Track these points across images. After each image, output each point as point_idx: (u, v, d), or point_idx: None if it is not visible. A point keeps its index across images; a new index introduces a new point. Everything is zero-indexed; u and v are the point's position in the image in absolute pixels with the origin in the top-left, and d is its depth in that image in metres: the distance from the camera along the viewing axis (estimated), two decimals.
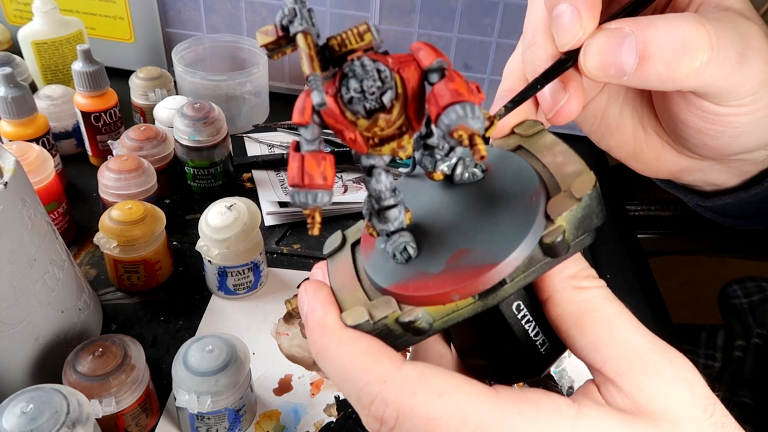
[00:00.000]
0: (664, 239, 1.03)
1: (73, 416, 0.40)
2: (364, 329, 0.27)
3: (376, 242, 0.30)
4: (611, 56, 0.29)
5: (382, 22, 0.86)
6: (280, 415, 0.53)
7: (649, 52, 0.29)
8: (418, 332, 0.27)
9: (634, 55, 0.29)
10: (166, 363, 0.55)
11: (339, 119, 0.25)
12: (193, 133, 0.70)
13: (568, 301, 0.27)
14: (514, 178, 0.29)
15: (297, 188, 0.25)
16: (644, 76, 0.29)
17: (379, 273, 0.29)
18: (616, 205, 0.80)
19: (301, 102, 0.25)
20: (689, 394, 0.25)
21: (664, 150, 0.39)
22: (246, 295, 0.63)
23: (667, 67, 0.29)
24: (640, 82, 0.30)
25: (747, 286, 0.86)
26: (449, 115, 0.23)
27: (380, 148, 0.26)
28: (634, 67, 0.29)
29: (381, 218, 0.28)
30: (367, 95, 0.24)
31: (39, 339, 0.50)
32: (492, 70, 0.88)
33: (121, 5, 0.89)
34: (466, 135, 0.23)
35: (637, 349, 0.26)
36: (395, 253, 0.29)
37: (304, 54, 0.24)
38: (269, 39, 0.25)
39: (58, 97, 0.76)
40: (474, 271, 0.26)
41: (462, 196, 0.30)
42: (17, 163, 0.47)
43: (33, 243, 0.48)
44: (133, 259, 0.60)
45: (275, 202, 0.73)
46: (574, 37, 0.30)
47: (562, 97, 0.32)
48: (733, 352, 0.78)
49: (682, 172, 0.41)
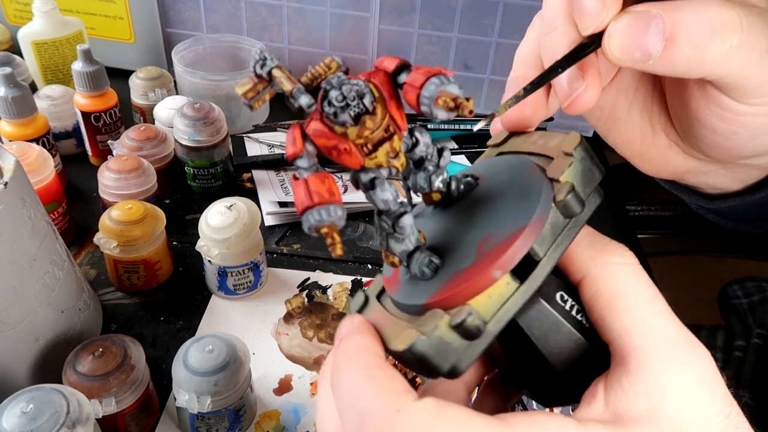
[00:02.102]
0: (664, 239, 1.03)
1: (73, 416, 0.40)
2: (418, 351, 0.25)
3: (400, 276, 0.30)
4: (637, 39, 0.28)
5: (382, 22, 0.86)
6: (280, 415, 0.53)
7: (677, 34, 0.28)
8: (472, 335, 0.25)
9: (661, 37, 0.28)
10: (166, 363, 0.55)
11: (330, 135, 0.26)
12: (193, 133, 0.70)
13: (602, 280, 0.27)
14: (508, 171, 0.30)
15: (308, 209, 0.25)
16: (671, 59, 0.28)
17: (414, 296, 0.28)
18: (616, 205, 0.80)
19: (291, 136, 0.26)
20: (708, 395, 0.25)
21: (671, 150, 0.39)
22: (246, 295, 0.63)
23: (695, 50, 0.28)
24: (666, 66, 0.29)
25: (747, 286, 0.86)
26: (428, 88, 0.25)
27: (375, 155, 0.27)
28: (660, 51, 0.28)
29: (397, 233, 0.28)
30: (349, 102, 0.26)
31: (39, 339, 0.50)
32: (492, 70, 0.88)
33: (121, 5, 0.89)
34: (449, 98, 0.25)
35: (667, 343, 0.25)
36: (422, 270, 0.28)
37: (282, 78, 0.26)
38: (247, 87, 0.26)
39: (58, 97, 0.76)
40: (504, 243, 0.26)
41: (465, 204, 0.30)
42: (17, 163, 0.47)
43: (33, 243, 0.48)
44: (133, 259, 0.60)
45: (275, 202, 0.73)
46: (597, 20, 0.29)
47: (579, 85, 0.31)
48: (733, 353, 0.78)
49: (686, 174, 0.41)
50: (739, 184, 0.41)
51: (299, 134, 0.26)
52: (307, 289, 0.65)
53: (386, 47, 0.88)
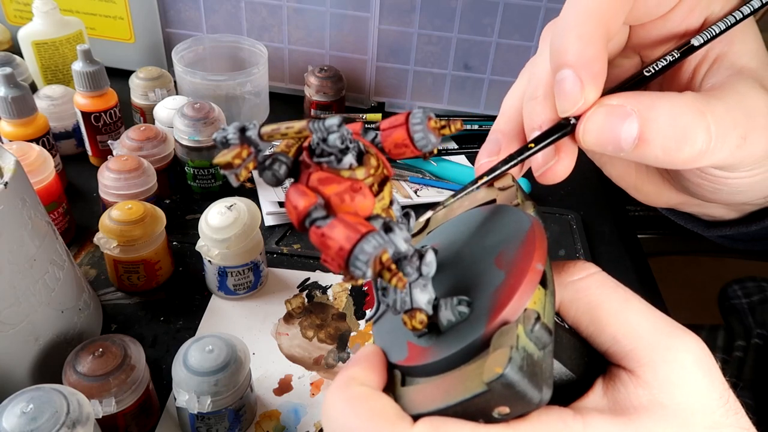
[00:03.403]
0: (664, 239, 1.03)
1: (73, 416, 0.40)
2: (516, 367, 0.22)
3: (421, 344, 0.27)
4: (610, 133, 0.29)
5: (382, 22, 0.86)
6: (280, 415, 0.53)
7: (649, 137, 0.28)
8: (544, 340, 0.24)
9: (634, 135, 0.28)
10: (166, 363, 0.55)
11: (340, 180, 0.25)
12: (193, 133, 0.70)
13: (574, 300, 0.28)
14: (464, 222, 0.31)
15: (359, 242, 0.23)
16: (642, 156, 0.29)
17: (464, 337, 0.25)
18: (616, 205, 0.80)
19: (296, 192, 0.25)
20: (707, 381, 0.25)
21: (664, 185, 0.40)
22: (246, 295, 0.63)
23: (665, 153, 0.29)
24: (639, 159, 0.30)
25: (747, 286, 0.86)
26: (415, 116, 0.26)
27: (382, 194, 0.26)
28: (632, 148, 0.29)
29: (423, 276, 0.26)
30: (348, 144, 0.25)
31: (39, 339, 0.50)
32: (492, 70, 0.88)
33: (121, 5, 0.89)
34: (438, 120, 0.27)
35: (657, 336, 0.26)
36: (457, 312, 0.26)
37: (281, 126, 0.25)
38: (231, 154, 0.24)
39: (58, 97, 0.76)
40: (525, 245, 0.26)
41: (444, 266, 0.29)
42: (17, 163, 0.47)
43: (33, 243, 0.48)
44: (133, 259, 0.60)
45: (275, 202, 0.73)
46: (574, 105, 0.29)
47: (551, 159, 0.31)
48: (733, 353, 0.78)
49: (680, 205, 0.42)
50: (735, 214, 0.42)
51: (305, 188, 0.24)
52: (307, 289, 0.65)
53: (386, 47, 0.89)
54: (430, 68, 0.90)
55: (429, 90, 0.92)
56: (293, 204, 0.24)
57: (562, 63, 0.29)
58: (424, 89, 0.92)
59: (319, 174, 0.25)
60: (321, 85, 0.85)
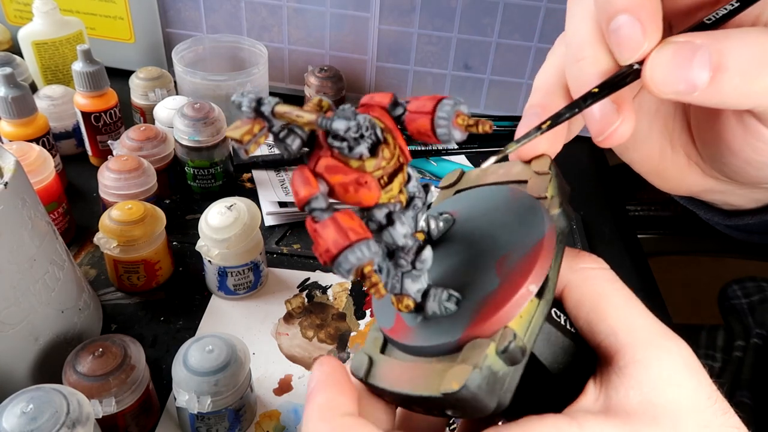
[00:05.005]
0: (664, 239, 1.03)
1: (73, 416, 0.40)
2: (473, 387, 0.23)
3: (407, 321, 0.28)
4: (681, 70, 0.27)
5: (382, 22, 0.86)
6: (280, 415, 0.53)
7: (725, 64, 0.26)
8: (516, 359, 0.24)
9: (707, 68, 0.26)
10: (166, 363, 0.55)
11: (347, 170, 0.24)
12: (193, 133, 0.70)
13: (583, 285, 0.28)
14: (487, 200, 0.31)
15: (346, 249, 0.23)
16: (719, 90, 0.27)
17: (441, 335, 0.26)
18: (616, 205, 0.80)
19: (300, 177, 0.24)
20: (695, 382, 0.26)
21: (689, 169, 0.38)
22: (246, 295, 0.63)
23: (744, 80, 0.27)
24: (712, 97, 0.27)
25: (747, 286, 0.86)
26: (443, 109, 0.25)
27: (390, 187, 0.25)
28: (707, 82, 0.27)
29: (416, 269, 0.27)
30: (364, 132, 0.24)
31: (39, 339, 0.50)
32: (492, 70, 0.88)
33: (121, 5, 0.89)
34: (467, 117, 0.25)
35: (652, 337, 0.27)
36: (443, 306, 0.27)
37: (294, 112, 0.24)
38: (243, 129, 0.24)
39: (58, 97, 0.76)
40: (528, 258, 0.26)
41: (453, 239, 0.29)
42: (17, 163, 0.47)
43: (33, 243, 0.48)
44: (133, 259, 0.60)
45: (275, 202, 0.73)
46: (636, 50, 0.27)
47: (614, 119, 0.29)
48: (733, 353, 0.78)
49: (702, 193, 0.40)
50: (754, 203, 0.41)
51: (310, 174, 0.24)
52: (307, 289, 0.65)
53: (386, 47, 0.89)
54: (430, 68, 0.90)
55: (429, 90, 0.92)
56: (296, 189, 0.25)
57: (615, 10, 0.27)
58: (424, 89, 0.92)
59: (328, 161, 0.24)
60: (321, 85, 0.85)
